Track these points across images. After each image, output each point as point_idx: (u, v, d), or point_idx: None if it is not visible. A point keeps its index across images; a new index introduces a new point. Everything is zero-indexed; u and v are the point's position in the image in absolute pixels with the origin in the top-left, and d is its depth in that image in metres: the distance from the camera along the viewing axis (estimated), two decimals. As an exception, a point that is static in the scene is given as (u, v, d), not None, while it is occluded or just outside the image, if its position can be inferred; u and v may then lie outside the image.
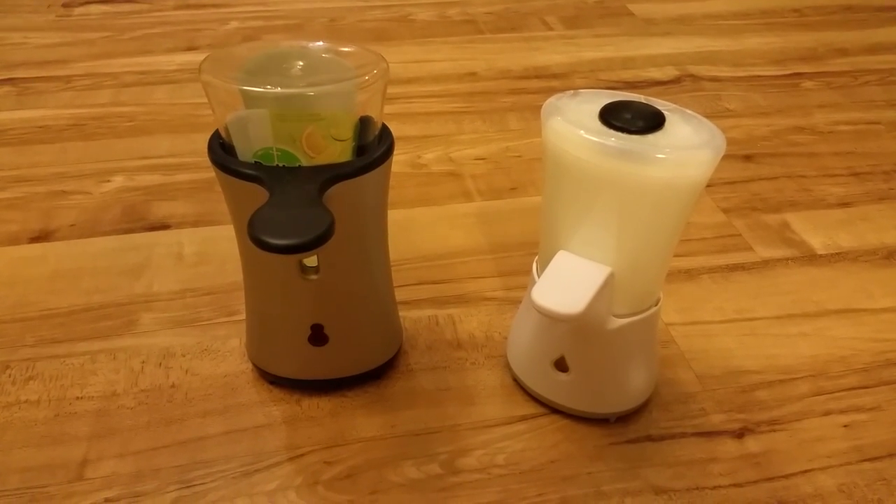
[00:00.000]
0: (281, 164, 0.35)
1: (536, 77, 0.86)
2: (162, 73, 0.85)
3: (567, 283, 0.36)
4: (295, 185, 0.33)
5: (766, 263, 0.57)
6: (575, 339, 0.41)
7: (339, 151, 0.35)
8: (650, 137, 0.34)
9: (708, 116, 0.36)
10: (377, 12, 1.03)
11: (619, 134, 0.34)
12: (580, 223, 0.37)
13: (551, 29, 0.99)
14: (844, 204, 0.64)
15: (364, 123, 0.36)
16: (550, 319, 0.35)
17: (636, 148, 0.34)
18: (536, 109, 0.77)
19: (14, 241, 0.57)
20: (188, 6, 1.04)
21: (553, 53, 0.91)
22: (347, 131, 0.35)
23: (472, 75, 0.85)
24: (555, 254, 0.38)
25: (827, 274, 0.56)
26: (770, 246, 0.59)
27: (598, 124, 0.35)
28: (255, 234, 0.30)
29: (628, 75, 0.87)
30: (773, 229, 0.61)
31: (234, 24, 0.98)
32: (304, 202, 0.32)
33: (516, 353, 0.45)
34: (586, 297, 0.35)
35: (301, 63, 0.35)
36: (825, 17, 1.05)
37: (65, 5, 1.04)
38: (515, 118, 0.77)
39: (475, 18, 1.02)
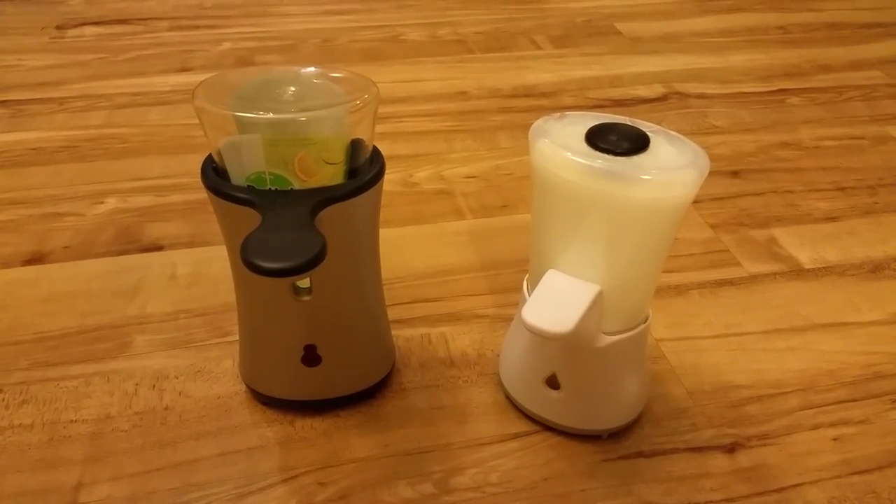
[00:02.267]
0: (273, 188, 0.35)
1: (526, 96, 0.86)
2: (155, 94, 0.85)
3: (556, 302, 0.36)
4: (287, 209, 0.34)
5: (753, 278, 0.58)
6: (566, 356, 0.41)
7: (331, 174, 0.36)
8: (635, 159, 0.35)
9: (695, 133, 0.37)
10: (368, 33, 1.04)
11: (605, 156, 0.35)
12: (569, 243, 0.38)
13: (540, 48, 1.00)
14: (831, 218, 0.65)
15: (355, 146, 0.36)
16: (541, 338, 0.36)
17: (622, 169, 0.34)
18: (526, 128, 0.78)
19: (7, 263, 0.58)
20: (181, 27, 1.04)
21: (542, 72, 0.92)
22: (339, 155, 0.36)
23: (463, 94, 0.86)
24: (544, 273, 0.39)
25: (814, 288, 0.57)
26: (757, 261, 0.60)
27: (584, 146, 0.36)
28: (248, 258, 0.31)
29: (616, 93, 0.88)
30: (761, 244, 0.61)
31: (227, 45, 0.99)
32: (296, 225, 0.33)
33: (508, 371, 0.46)
34: (575, 316, 0.35)
35: (293, 88, 0.36)
36: (809, 35, 1.07)
37: (58, 27, 1.04)
38: (506, 136, 0.77)
39: (465, 38, 1.03)
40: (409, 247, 0.60)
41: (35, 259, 0.58)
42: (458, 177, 0.70)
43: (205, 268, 0.57)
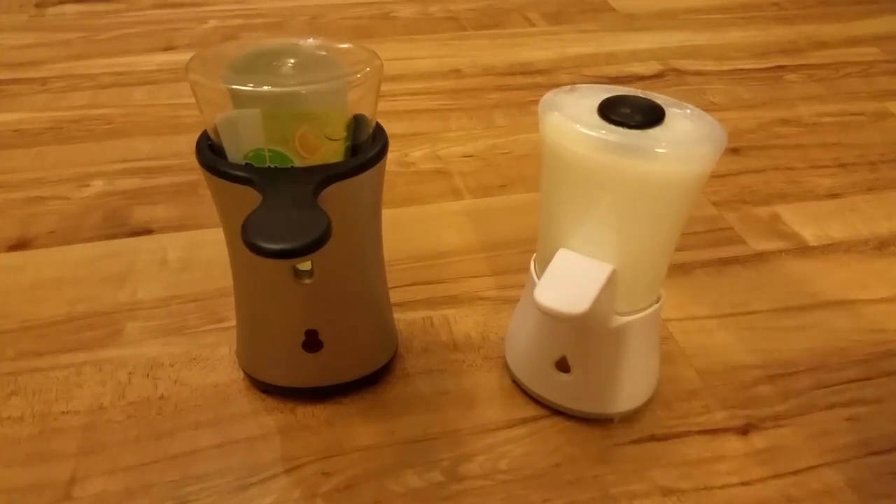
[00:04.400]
0: (273, 166, 0.33)
1: (521, 73, 0.85)
2: (140, 73, 0.83)
3: (569, 282, 0.35)
4: (288, 187, 0.32)
5: (759, 256, 0.57)
6: (577, 338, 0.40)
7: (333, 151, 0.34)
8: (651, 132, 0.33)
9: None
10: (359, 9, 1.01)
11: (619, 129, 0.33)
12: (580, 220, 0.36)
13: (534, 25, 0.99)
14: (833, 195, 0.64)
15: (358, 122, 0.35)
16: (553, 319, 0.34)
17: (637, 143, 0.33)
18: (522, 106, 0.78)
19: (-9, 250, 0.56)
20: (165, 5, 1.02)
21: (537, 49, 0.91)
22: (341, 130, 0.34)
23: (457, 72, 0.84)
24: (554, 252, 0.37)
25: (820, 265, 0.56)
26: (762, 238, 0.58)
27: (597, 119, 0.34)
28: (250, 239, 0.29)
29: (612, 70, 0.86)
30: (765, 222, 0.60)
31: (213, 23, 0.96)
32: (298, 204, 0.31)
33: (515, 355, 0.44)
34: (590, 296, 0.34)
35: (291, 60, 0.34)
36: (804, 11, 1.05)
37: (38, 5, 1.01)
38: (502, 115, 0.76)
39: (457, 15, 1.01)
40: (408, 228, 0.58)
41: (20, 245, 0.56)
42: (455, 156, 0.68)
43: (196, 251, 0.55)
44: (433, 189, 0.64)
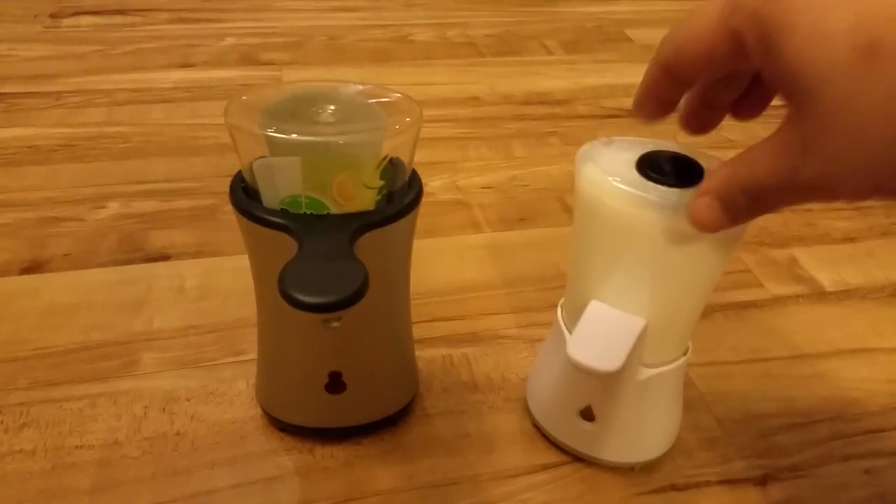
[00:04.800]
0: (308, 212, 0.33)
1: (539, 103, 0.85)
2: (157, 90, 0.82)
3: (602, 337, 0.35)
4: (325, 235, 0.32)
5: (776, 300, 0.56)
6: (604, 389, 0.40)
7: (369, 198, 0.34)
8: (690, 191, 0.33)
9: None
10: (376, 31, 1.01)
11: (658, 186, 0.33)
12: (613, 273, 0.36)
13: (551, 53, 0.99)
14: (849, 239, 0.64)
15: (395, 168, 0.34)
16: (585, 374, 0.34)
17: (676, 201, 0.32)
18: (541, 137, 0.78)
19: (4, 272, 0.55)
20: (182, 20, 1.01)
21: (555, 79, 0.91)
22: (378, 178, 0.34)
23: (475, 100, 0.84)
24: (584, 302, 0.37)
25: (837, 312, 0.56)
26: (780, 282, 0.58)
27: (635, 175, 0.34)
28: (288, 291, 0.28)
29: (630, 103, 0.86)
30: (782, 265, 0.60)
31: (230, 41, 0.96)
32: (335, 254, 0.31)
33: (538, 401, 0.44)
34: (624, 352, 0.34)
35: (331, 107, 0.34)
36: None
37: (52, 15, 1.01)
38: (520, 145, 0.76)
39: (475, 41, 1.01)
40: (427, 261, 0.58)
41: (33, 267, 0.55)
42: (474, 187, 0.68)
43: (214, 280, 0.55)
44: (453, 221, 0.63)
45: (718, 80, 0.33)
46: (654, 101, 0.32)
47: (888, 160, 0.23)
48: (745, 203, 0.28)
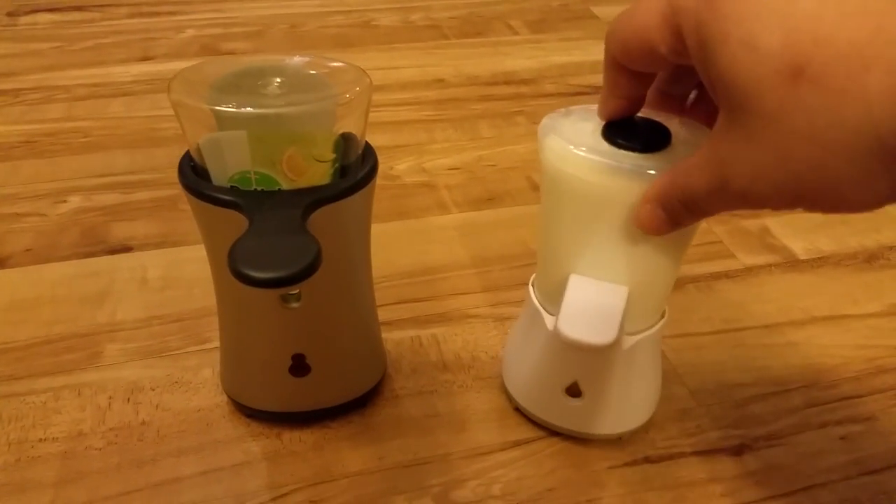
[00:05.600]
0: (259, 188, 0.32)
1: (505, 83, 0.84)
2: (117, 84, 0.81)
3: (591, 310, 0.34)
4: (276, 211, 0.31)
5: (749, 270, 0.56)
6: (590, 363, 0.39)
7: (321, 173, 0.33)
8: (658, 155, 0.32)
9: None
10: (338, 18, 1.00)
11: (627, 153, 0.32)
12: (587, 244, 0.35)
13: (517, 33, 0.98)
14: (821, 207, 0.64)
15: (347, 142, 0.34)
16: (578, 350, 0.33)
17: (646, 166, 0.32)
18: (508, 116, 0.77)
19: (-36, 269, 0.54)
20: (141, 14, 1.00)
21: (521, 58, 0.90)
22: (330, 152, 0.33)
23: (440, 82, 0.83)
24: (559, 278, 0.36)
25: (810, 280, 0.56)
26: (752, 252, 0.58)
27: (603, 143, 0.33)
28: (237, 267, 0.28)
29: (598, 80, 0.85)
30: (754, 235, 0.60)
31: (190, 32, 0.95)
32: (287, 229, 0.30)
33: (518, 382, 0.43)
34: (616, 323, 0.33)
35: (278, 79, 0.33)
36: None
37: (9, 14, 0.99)
38: (487, 126, 0.75)
39: (439, 23, 1.00)
40: (394, 244, 0.57)
41: (-6, 263, 0.54)
42: (441, 168, 0.68)
43: (177, 270, 0.54)
44: (419, 203, 0.63)
45: (671, 73, 0.33)
46: (618, 98, 0.33)
47: (809, 179, 0.23)
48: (683, 210, 0.30)
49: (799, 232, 0.60)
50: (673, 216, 0.30)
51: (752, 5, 0.23)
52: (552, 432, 0.42)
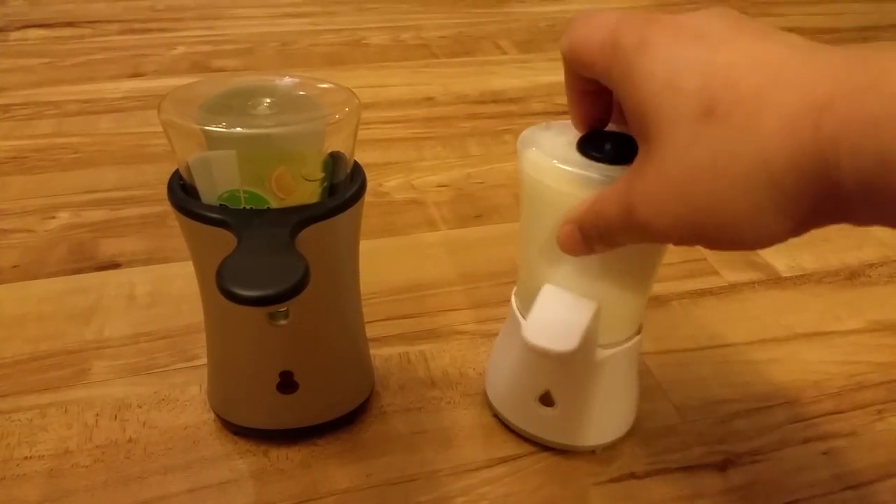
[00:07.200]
0: (248, 207, 0.32)
1: (493, 101, 0.85)
2: (107, 101, 0.81)
3: (557, 319, 0.35)
4: (265, 230, 0.31)
5: (732, 287, 0.57)
6: (562, 373, 0.40)
7: (310, 192, 0.33)
8: (628, 167, 0.33)
9: None
10: (329, 36, 1.01)
11: (600, 165, 0.33)
12: (562, 256, 0.36)
13: (505, 53, 0.99)
14: (804, 224, 0.65)
15: (335, 161, 0.34)
16: (541, 357, 0.34)
17: (614, 178, 0.32)
18: (496, 135, 0.78)
19: (-49, 285, 0.54)
20: (133, 31, 1.00)
21: (509, 77, 0.91)
22: (319, 171, 0.33)
23: (430, 100, 0.84)
24: (536, 287, 0.37)
25: (793, 296, 0.56)
26: (735, 269, 0.59)
27: (576, 155, 0.34)
28: (225, 286, 0.28)
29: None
30: (738, 252, 0.61)
31: (181, 49, 0.95)
32: (275, 248, 0.31)
33: (497, 390, 0.44)
34: (579, 332, 0.34)
35: (267, 100, 0.33)
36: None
37: (0, 30, 0.99)
38: (475, 144, 0.76)
39: (429, 42, 1.01)
40: (383, 260, 0.58)
41: (-19, 280, 0.54)
42: (430, 186, 0.68)
43: (165, 286, 0.54)
44: (408, 220, 0.63)
45: None
46: (582, 105, 0.34)
47: (709, 212, 0.25)
48: (596, 236, 0.31)
49: (782, 249, 0.61)
50: (587, 240, 0.32)
51: (679, 52, 0.25)
52: (538, 448, 0.43)
